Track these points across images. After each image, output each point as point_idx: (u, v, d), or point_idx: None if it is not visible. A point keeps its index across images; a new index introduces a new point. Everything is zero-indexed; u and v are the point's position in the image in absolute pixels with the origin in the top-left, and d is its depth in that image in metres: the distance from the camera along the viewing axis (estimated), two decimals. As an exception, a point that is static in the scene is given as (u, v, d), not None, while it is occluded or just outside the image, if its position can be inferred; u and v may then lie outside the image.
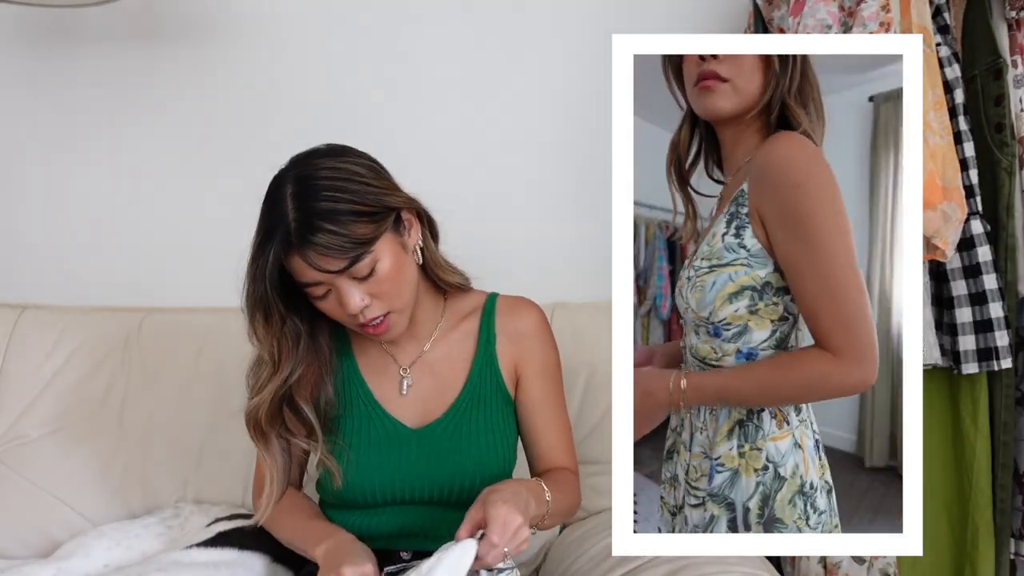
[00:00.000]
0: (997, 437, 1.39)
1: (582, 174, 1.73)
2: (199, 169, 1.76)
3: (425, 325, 1.16)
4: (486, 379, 1.15)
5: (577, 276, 1.67)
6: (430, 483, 1.10)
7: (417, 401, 1.14)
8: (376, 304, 1.03)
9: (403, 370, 1.15)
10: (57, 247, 1.77)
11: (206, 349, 1.52)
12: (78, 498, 1.46)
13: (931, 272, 1.38)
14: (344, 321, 1.06)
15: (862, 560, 1.39)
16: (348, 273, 1.00)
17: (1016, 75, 1.38)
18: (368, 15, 1.75)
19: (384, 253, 1.02)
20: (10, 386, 1.50)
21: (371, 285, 1.02)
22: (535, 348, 1.18)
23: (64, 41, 1.76)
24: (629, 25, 1.69)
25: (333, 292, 1.02)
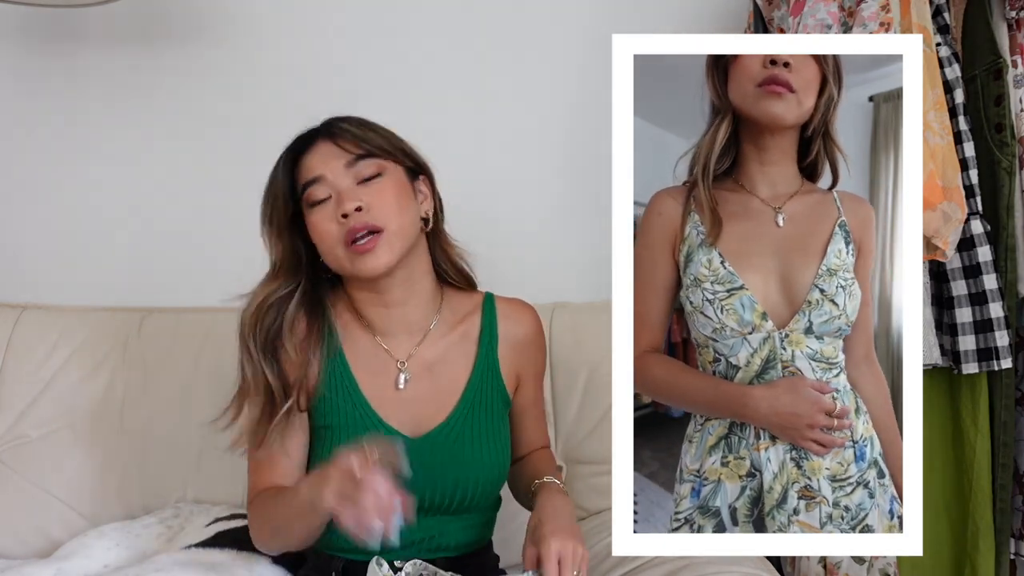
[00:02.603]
0: (997, 437, 1.39)
1: (582, 174, 1.73)
2: (199, 169, 1.75)
3: (420, 315, 1.12)
4: (488, 384, 1.13)
5: (577, 276, 1.67)
6: (431, 492, 1.06)
7: (413, 404, 1.10)
8: (368, 214, 1.03)
9: (400, 364, 1.11)
10: (57, 247, 1.77)
11: (206, 349, 1.52)
12: (78, 498, 1.46)
13: (931, 272, 1.38)
14: (334, 242, 1.04)
15: (862, 560, 1.39)
16: (353, 169, 1.04)
17: (1016, 75, 1.38)
18: (368, 15, 1.75)
19: (391, 173, 1.07)
20: (10, 386, 1.50)
21: (370, 193, 1.04)
22: (536, 355, 1.19)
23: (64, 41, 1.76)
24: (629, 25, 1.69)
25: (332, 199, 1.04)
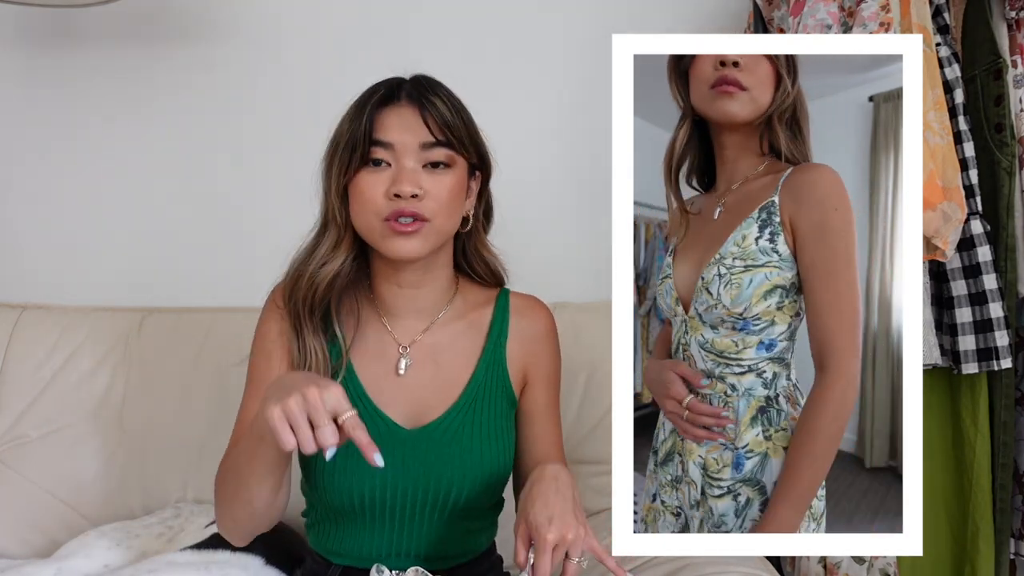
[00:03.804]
0: (997, 437, 1.39)
1: (582, 174, 1.73)
2: (199, 169, 1.76)
3: (432, 301, 1.08)
4: (492, 378, 1.08)
5: (577, 276, 1.67)
6: (424, 489, 1.02)
7: (414, 392, 1.06)
8: (422, 202, 0.98)
9: (402, 348, 1.07)
10: (57, 247, 1.77)
11: (206, 349, 1.52)
12: (78, 498, 1.46)
13: (931, 272, 1.38)
14: (376, 211, 0.98)
15: (862, 560, 1.39)
16: (425, 152, 0.99)
17: (1016, 75, 1.38)
18: (368, 15, 1.75)
19: (458, 167, 1.02)
20: (10, 386, 1.51)
21: (432, 182, 0.99)
22: (546, 353, 1.14)
23: (64, 41, 1.76)
24: (629, 25, 1.69)
25: (392, 170, 0.99)
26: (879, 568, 1.38)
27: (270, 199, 1.71)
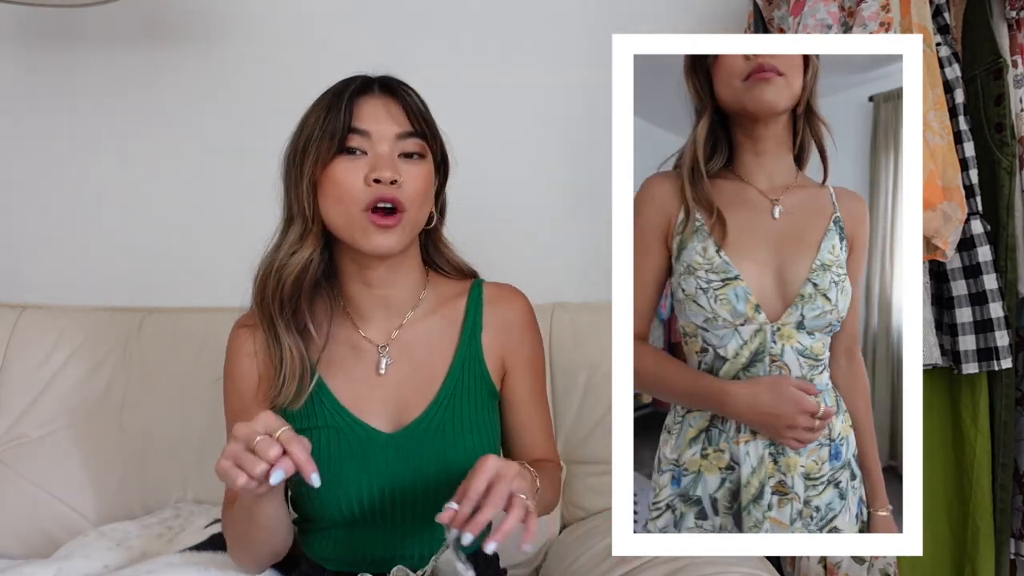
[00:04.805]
0: (997, 437, 1.39)
1: (582, 174, 1.73)
2: (199, 169, 1.76)
3: (402, 298, 1.07)
4: (470, 371, 1.07)
5: (577, 276, 1.67)
6: (411, 490, 1.01)
7: (391, 392, 1.05)
8: (400, 189, 0.98)
9: (380, 348, 1.06)
10: (57, 247, 1.77)
11: (206, 349, 1.52)
12: (78, 498, 1.46)
13: (931, 272, 1.38)
14: (354, 200, 0.97)
15: (862, 560, 1.39)
16: (401, 142, 1.00)
17: (1016, 75, 1.38)
18: (368, 15, 1.75)
19: (428, 160, 1.03)
20: (10, 386, 1.51)
21: (408, 171, 0.99)
22: (523, 340, 1.12)
23: (64, 41, 1.76)
24: (629, 25, 1.69)
25: (368, 158, 0.98)
26: (879, 568, 1.38)
27: (270, 199, 1.70)
